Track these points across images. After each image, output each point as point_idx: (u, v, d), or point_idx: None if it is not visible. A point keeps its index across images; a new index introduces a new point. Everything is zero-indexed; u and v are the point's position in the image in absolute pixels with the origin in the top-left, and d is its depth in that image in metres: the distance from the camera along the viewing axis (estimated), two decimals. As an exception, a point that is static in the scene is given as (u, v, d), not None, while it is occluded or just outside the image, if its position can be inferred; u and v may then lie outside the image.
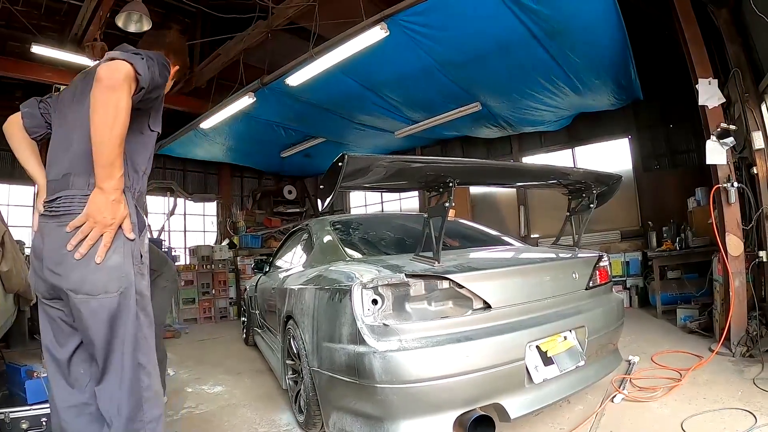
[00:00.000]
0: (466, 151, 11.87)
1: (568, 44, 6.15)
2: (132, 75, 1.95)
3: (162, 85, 2.21)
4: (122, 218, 2.08)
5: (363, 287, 2.72)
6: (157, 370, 2.24)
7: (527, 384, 2.82)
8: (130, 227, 2.11)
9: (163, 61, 2.22)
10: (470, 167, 3.55)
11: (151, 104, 2.26)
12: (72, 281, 2.03)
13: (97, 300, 2.02)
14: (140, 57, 2.02)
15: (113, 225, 2.04)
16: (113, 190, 2.01)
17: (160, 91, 2.24)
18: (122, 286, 2.07)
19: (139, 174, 2.30)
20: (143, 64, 2.00)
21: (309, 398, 3.33)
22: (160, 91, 2.24)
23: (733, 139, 5.11)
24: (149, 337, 2.18)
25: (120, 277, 2.07)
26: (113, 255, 2.06)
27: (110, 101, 1.90)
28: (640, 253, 8.60)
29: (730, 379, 4.10)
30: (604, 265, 3.79)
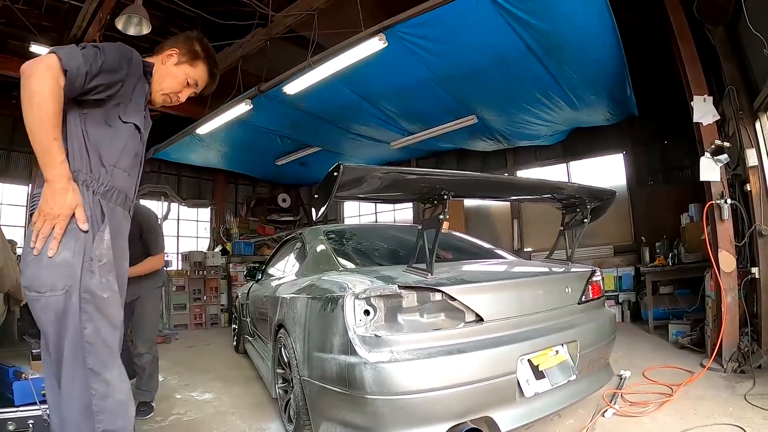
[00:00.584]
0: (462, 164, 11.90)
1: (565, 60, 6.19)
2: (55, 63, 1.92)
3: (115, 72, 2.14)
4: (71, 208, 2.00)
5: (355, 298, 2.71)
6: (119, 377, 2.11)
7: (518, 397, 2.81)
8: (83, 217, 2.03)
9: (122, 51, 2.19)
10: (465, 180, 3.55)
11: (113, 93, 2.18)
12: (27, 277, 2.02)
13: (45, 297, 1.98)
14: (78, 48, 2.01)
15: (61, 215, 1.98)
16: (58, 178, 1.96)
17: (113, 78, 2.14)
18: (68, 284, 1.99)
19: (107, 168, 2.20)
20: (76, 53, 1.98)
21: (299, 408, 3.31)
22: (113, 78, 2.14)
23: (727, 156, 5.14)
24: (108, 342, 2.07)
25: (66, 274, 1.99)
26: (63, 251, 2.00)
27: (26, 88, 1.90)
28: (633, 268, 8.63)
29: (722, 395, 4.10)
30: (597, 280, 3.79)
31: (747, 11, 4.52)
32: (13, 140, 10.56)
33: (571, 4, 5.17)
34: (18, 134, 10.58)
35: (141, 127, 2.40)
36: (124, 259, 2.38)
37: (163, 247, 4.58)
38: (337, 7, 6.70)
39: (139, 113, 2.37)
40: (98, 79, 2.07)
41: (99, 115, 2.17)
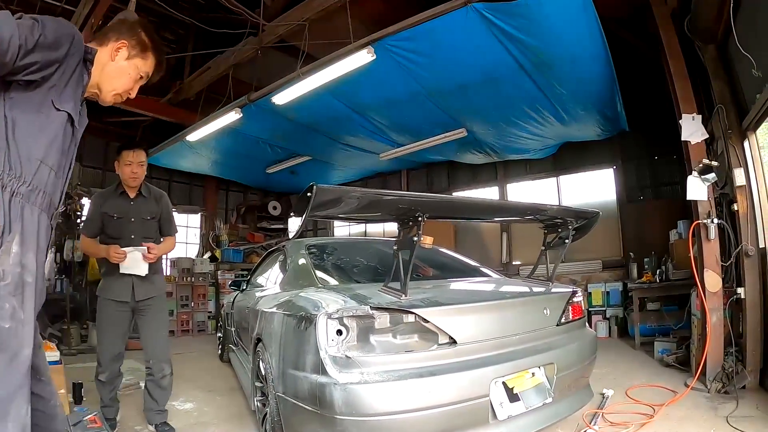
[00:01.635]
0: (452, 176, 11.92)
1: (555, 76, 6.20)
2: None
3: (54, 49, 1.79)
4: None
5: (328, 317, 2.69)
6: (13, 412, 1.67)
7: (491, 420, 2.78)
8: None
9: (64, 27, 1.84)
10: (441, 203, 3.54)
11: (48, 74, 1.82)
12: None
13: None
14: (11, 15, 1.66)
15: None
16: None
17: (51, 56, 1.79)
18: None
19: (32, 163, 1.82)
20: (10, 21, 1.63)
21: (274, 422, 3.28)
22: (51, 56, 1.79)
23: (714, 175, 5.13)
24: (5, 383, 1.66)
25: None
26: None
27: None
28: (621, 284, 8.61)
29: (704, 416, 4.07)
30: (578, 300, 3.76)
31: (737, 31, 4.51)
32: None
33: (561, 20, 5.17)
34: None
35: (75, 120, 2.02)
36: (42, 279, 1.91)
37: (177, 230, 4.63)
38: (328, 18, 6.69)
39: (73, 103, 1.98)
40: (33, 55, 1.71)
41: (28, 98, 1.82)
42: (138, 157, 4.05)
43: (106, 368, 4.04)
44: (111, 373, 4.08)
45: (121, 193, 4.12)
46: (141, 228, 4.13)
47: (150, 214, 4.19)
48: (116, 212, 4.05)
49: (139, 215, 4.13)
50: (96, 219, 4.06)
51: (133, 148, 4.05)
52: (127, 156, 4.01)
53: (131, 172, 4.03)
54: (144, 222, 4.15)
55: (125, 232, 4.06)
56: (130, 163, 4.01)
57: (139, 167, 4.06)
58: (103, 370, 4.04)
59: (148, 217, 4.17)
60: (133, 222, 4.10)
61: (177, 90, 9.77)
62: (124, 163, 4.01)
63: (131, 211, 4.10)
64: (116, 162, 4.07)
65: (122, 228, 4.06)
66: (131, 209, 4.11)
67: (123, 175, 4.06)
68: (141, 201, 4.17)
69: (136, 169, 4.04)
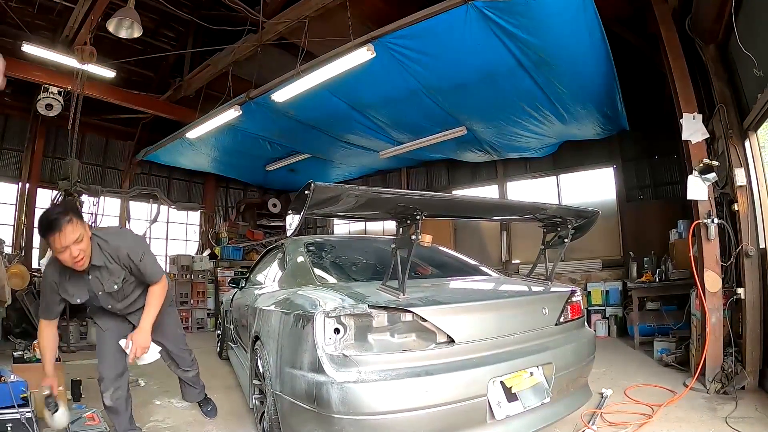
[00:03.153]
0: (452, 174, 11.93)
1: (555, 74, 6.19)
2: None
3: None
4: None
5: (326, 316, 2.68)
6: None
7: (489, 420, 2.77)
8: None
9: None
10: (440, 201, 3.54)
11: None
12: None
13: None
14: None
15: None
16: None
17: None
18: None
19: None
20: None
21: (272, 421, 3.28)
22: None
23: (715, 175, 5.11)
24: None
25: None
26: None
27: None
28: (620, 283, 8.62)
29: (703, 417, 4.06)
30: (577, 300, 3.74)
31: (738, 30, 4.51)
32: (4, 138, 10.52)
33: (561, 18, 5.16)
34: (9, 132, 10.55)
35: None
36: None
37: (161, 268, 3.66)
38: (327, 15, 6.70)
39: None
40: None
41: None
42: (67, 237, 2.95)
43: (109, 385, 3.42)
44: (116, 390, 3.44)
45: (74, 272, 3.22)
46: (115, 296, 3.40)
47: (116, 282, 3.34)
48: (77, 295, 3.31)
49: (102, 290, 3.33)
50: (55, 302, 3.30)
51: (54, 232, 2.93)
52: (54, 242, 2.97)
53: (71, 258, 3.03)
54: (115, 292, 3.37)
55: (103, 304, 3.41)
56: (64, 248, 2.98)
57: (78, 246, 3.02)
58: (106, 387, 3.42)
59: (115, 286, 3.34)
60: (101, 296, 3.35)
61: (176, 87, 9.79)
62: (56, 251, 3.02)
63: (93, 288, 3.30)
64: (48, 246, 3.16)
65: (96, 303, 3.41)
66: (91, 287, 3.30)
67: (64, 263, 3.09)
68: (98, 273, 3.28)
69: (75, 252, 3.01)
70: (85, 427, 3.69)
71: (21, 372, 4.22)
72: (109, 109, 10.46)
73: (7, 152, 10.59)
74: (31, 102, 9.39)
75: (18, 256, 9.66)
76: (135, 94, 10.09)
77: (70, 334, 8.45)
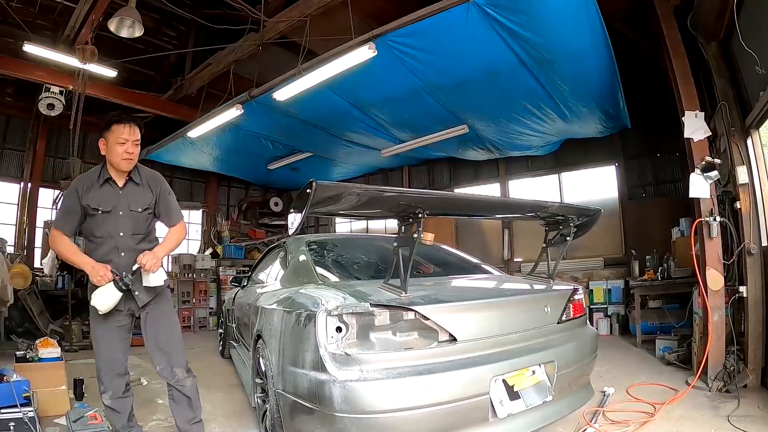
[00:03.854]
0: (454, 173, 11.93)
1: (557, 72, 6.17)
2: None
3: None
4: None
5: (328, 314, 2.68)
6: None
7: (491, 418, 2.77)
8: None
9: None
10: (441, 199, 3.54)
11: None
12: None
13: None
14: None
15: None
16: None
17: None
18: None
19: None
20: None
21: (274, 419, 3.29)
22: None
23: (717, 173, 5.10)
24: None
25: None
26: None
27: None
28: (622, 281, 8.61)
29: (705, 416, 4.06)
30: (579, 298, 3.74)
31: (740, 28, 4.50)
32: (6, 138, 10.53)
33: (563, 16, 5.15)
34: (10, 132, 10.57)
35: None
36: None
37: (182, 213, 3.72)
38: (329, 14, 6.69)
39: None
40: None
41: None
42: (134, 133, 3.25)
43: (109, 386, 3.37)
44: (115, 393, 3.39)
45: (107, 180, 3.31)
46: (131, 223, 3.33)
47: (143, 205, 3.37)
48: (101, 205, 3.25)
49: (128, 207, 3.32)
50: (75, 212, 3.25)
51: (128, 122, 3.23)
52: (121, 132, 3.19)
53: (125, 153, 3.22)
54: (135, 216, 3.35)
55: (112, 230, 3.28)
56: (125, 141, 3.20)
57: (135, 146, 3.26)
58: (105, 389, 3.38)
59: (139, 209, 3.35)
60: (121, 216, 3.29)
61: (178, 86, 9.80)
62: (117, 140, 3.19)
63: (120, 203, 3.30)
64: (102, 140, 3.27)
65: (108, 224, 3.27)
66: (120, 200, 3.30)
67: (113, 156, 3.24)
68: (132, 189, 3.36)
69: (132, 148, 3.24)
70: (88, 426, 3.68)
71: (23, 371, 4.23)
72: (111, 108, 10.43)
73: (9, 152, 10.62)
74: (33, 102, 9.41)
75: (20, 255, 9.67)
76: (136, 93, 10.10)
77: (72, 334, 8.44)
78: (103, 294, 3.10)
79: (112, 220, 3.28)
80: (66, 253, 3.25)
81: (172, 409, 3.55)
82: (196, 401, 3.54)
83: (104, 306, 3.12)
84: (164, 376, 3.48)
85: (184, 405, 3.49)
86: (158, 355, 3.47)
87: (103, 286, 3.10)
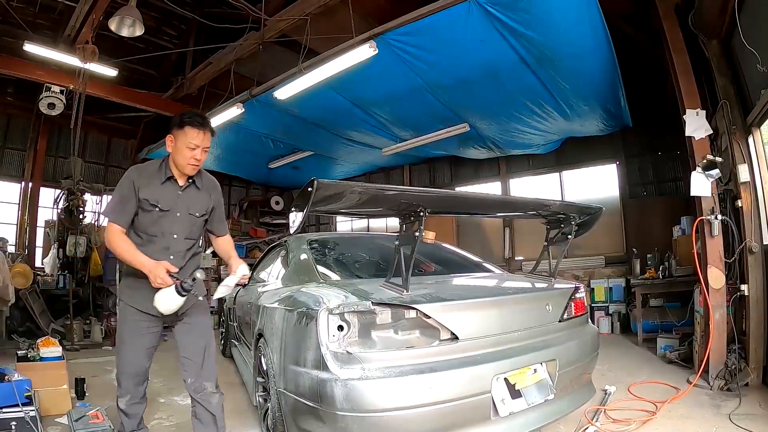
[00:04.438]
0: (455, 171, 11.93)
1: (558, 70, 6.17)
2: None
3: None
4: None
5: (329, 313, 2.69)
6: None
7: (493, 417, 2.77)
8: None
9: None
10: (443, 198, 3.54)
11: None
12: None
13: None
14: None
15: None
16: None
17: None
18: None
19: None
20: None
21: (276, 418, 3.28)
22: None
23: (718, 171, 5.09)
24: None
25: None
26: None
27: None
28: (623, 280, 8.60)
29: (706, 414, 4.05)
30: (581, 296, 3.74)
31: (741, 26, 4.49)
32: (7, 137, 10.54)
33: (564, 14, 5.14)
34: (11, 131, 10.58)
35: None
36: None
37: None
38: (329, 12, 6.69)
39: None
40: None
41: None
42: (207, 140, 3.08)
43: (128, 391, 3.22)
44: (133, 398, 3.24)
45: (169, 178, 3.14)
46: (188, 226, 3.20)
47: (201, 210, 3.25)
48: (159, 202, 3.07)
49: (187, 210, 3.18)
50: (131, 203, 3.04)
51: (203, 128, 3.06)
52: (194, 136, 3.02)
53: (193, 159, 3.06)
54: (192, 220, 3.21)
55: (166, 230, 3.12)
56: (195, 147, 3.04)
57: (204, 153, 3.11)
58: (123, 393, 3.22)
59: (197, 213, 3.23)
60: (178, 217, 3.15)
61: (179, 85, 9.80)
62: (187, 144, 3.02)
63: (178, 204, 3.14)
64: (170, 137, 3.12)
65: (162, 223, 3.10)
66: (179, 201, 3.15)
67: (180, 158, 3.07)
68: (192, 192, 3.22)
69: (201, 155, 3.09)
70: (89, 426, 3.69)
71: (25, 371, 4.23)
72: (112, 107, 10.49)
73: (10, 151, 10.63)
74: (34, 101, 9.41)
75: (21, 255, 9.68)
76: (137, 92, 10.11)
77: (73, 333, 8.45)
78: (165, 297, 2.90)
79: (169, 220, 3.12)
80: (123, 252, 2.98)
81: (195, 427, 3.30)
82: (221, 420, 3.31)
83: (166, 309, 2.93)
84: (192, 389, 3.27)
85: (208, 423, 3.26)
86: (191, 366, 3.27)
87: (164, 289, 2.89)
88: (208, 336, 3.38)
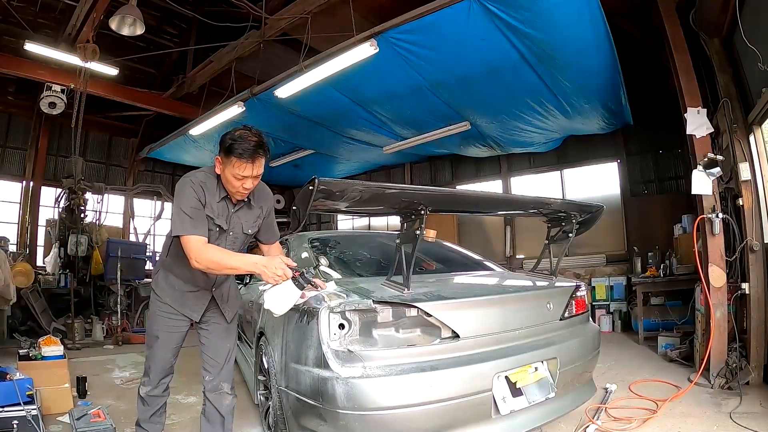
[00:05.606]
0: (456, 169, 11.93)
1: (558, 69, 6.16)
2: None
3: None
4: None
5: (330, 311, 2.68)
6: None
7: (494, 415, 2.77)
8: None
9: None
10: (444, 196, 3.53)
11: None
12: None
13: None
14: None
15: None
16: None
17: None
18: None
19: None
20: None
21: (277, 416, 3.27)
22: None
23: (719, 170, 5.09)
24: None
25: None
26: None
27: None
28: (624, 278, 8.60)
29: (707, 413, 4.05)
30: (581, 295, 3.74)
31: (743, 24, 4.48)
32: (8, 136, 10.55)
33: (565, 12, 5.14)
34: (12, 130, 10.58)
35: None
36: None
37: None
38: (330, 11, 6.70)
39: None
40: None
41: None
42: (258, 168, 2.75)
43: (154, 383, 3.14)
44: (157, 389, 3.17)
45: (225, 197, 2.91)
46: (240, 244, 3.07)
47: (255, 227, 3.10)
48: (221, 220, 2.89)
49: (241, 229, 3.02)
50: (202, 215, 2.79)
51: (250, 159, 2.69)
52: (242, 169, 2.70)
53: (242, 188, 2.80)
54: (245, 238, 3.08)
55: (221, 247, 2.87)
56: (243, 178, 2.74)
57: (255, 181, 2.83)
58: (147, 383, 3.15)
59: (250, 230, 3.07)
60: (231, 236, 2.98)
61: (179, 84, 9.80)
62: (234, 175, 2.73)
63: (233, 223, 2.97)
64: (217, 159, 2.85)
65: (218, 242, 2.90)
66: (232, 220, 2.97)
67: (227, 185, 2.83)
68: (244, 210, 3.02)
69: (250, 184, 2.81)
70: (91, 424, 3.69)
71: (26, 369, 4.24)
72: (112, 106, 10.50)
73: (11, 151, 10.64)
74: (35, 100, 9.43)
75: (22, 254, 9.70)
76: (138, 91, 10.12)
77: (75, 332, 8.45)
78: (280, 294, 2.62)
79: (223, 238, 2.93)
80: (224, 260, 2.66)
81: (202, 426, 3.23)
82: (229, 422, 3.23)
83: (281, 309, 2.67)
84: (208, 387, 3.18)
85: (216, 424, 3.18)
86: (213, 366, 3.19)
87: (276, 286, 2.63)
88: (234, 340, 3.34)
